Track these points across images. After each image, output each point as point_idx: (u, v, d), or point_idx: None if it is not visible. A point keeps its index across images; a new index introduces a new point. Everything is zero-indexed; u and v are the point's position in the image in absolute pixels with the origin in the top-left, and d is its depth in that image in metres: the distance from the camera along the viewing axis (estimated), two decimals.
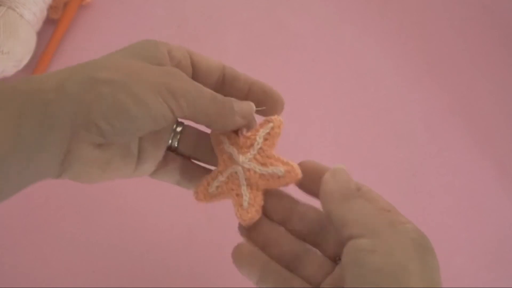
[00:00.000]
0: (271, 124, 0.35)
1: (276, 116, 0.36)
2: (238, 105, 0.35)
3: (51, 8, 0.58)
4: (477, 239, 0.52)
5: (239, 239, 0.40)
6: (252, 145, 0.35)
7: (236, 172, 0.35)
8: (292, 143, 0.54)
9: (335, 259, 0.34)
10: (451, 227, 0.52)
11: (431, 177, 0.54)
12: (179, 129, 0.38)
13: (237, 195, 0.35)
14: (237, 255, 0.34)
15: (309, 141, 0.55)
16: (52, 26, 0.59)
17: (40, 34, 0.57)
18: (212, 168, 0.38)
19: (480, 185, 0.54)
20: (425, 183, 0.54)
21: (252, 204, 0.35)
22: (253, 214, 0.34)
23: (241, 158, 0.35)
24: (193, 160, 0.39)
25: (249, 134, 0.36)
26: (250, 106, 0.36)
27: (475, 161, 0.55)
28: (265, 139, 0.35)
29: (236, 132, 0.36)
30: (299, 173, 0.34)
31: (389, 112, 0.57)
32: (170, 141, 0.38)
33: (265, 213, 0.36)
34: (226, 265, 0.48)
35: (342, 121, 0.57)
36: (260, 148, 0.35)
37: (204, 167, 0.39)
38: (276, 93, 0.37)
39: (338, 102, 0.58)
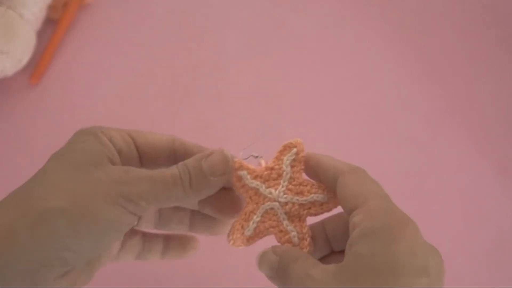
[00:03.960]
0: (294, 150, 0.33)
1: (296, 139, 0.34)
2: (209, 164, 0.32)
3: (51, 8, 0.58)
4: (477, 239, 0.52)
5: None
6: (280, 175, 0.33)
7: (271, 208, 0.33)
8: None
9: None
10: (451, 227, 0.52)
11: (431, 177, 0.54)
12: None
13: (281, 231, 0.33)
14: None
15: (308, 141, 0.55)
16: (52, 26, 0.59)
17: (40, 34, 0.57)
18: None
19: (480, 185, 0.54)
20: (425, 183, 0.54)
21: (302, 238, 0.33)
22: (308, 247, 0.32)
23: (274, 193, 0.33)
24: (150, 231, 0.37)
25: (271, 164, 0.34)
26: (222, 158, 0.32)
27: (475, 161, 0.55)
28: (292, 166, 0.33)
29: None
30: None
31: (389, 112, 0.57)
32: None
33: None
34: (226, 265, 0.48)
35: (342, 121, 0.57)
36: (290, 177, 0.33)
37: (163, 235, 0.37)
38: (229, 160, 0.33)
39: (338, 102, 0.58)
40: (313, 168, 0.33)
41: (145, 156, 0.34)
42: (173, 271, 0.48)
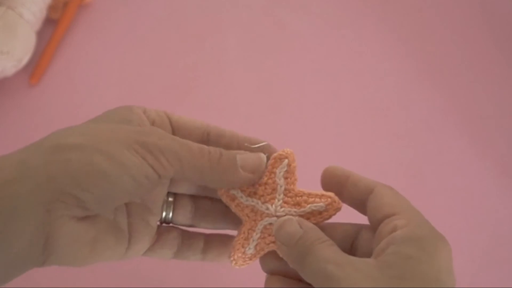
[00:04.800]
0: (286, 161, 0.33)
1: (287, 150, 0.33)
2: (243, 157, 0.31)
3: (51, 8, 0.58)
4: (477, 239, 0.52)
5: None
6: (274, 189, 0.33)
7: (270, 224, 0.32)
8: (292, 143, 0.53)
9: None
10: (451, 227, 0.52)
11: (431, 177, 0.54)
12: (171, 199, 0.35)
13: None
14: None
15: (309, 141, 0.55)
16: (52, 26, 0.59)
17: (39, 34, 0.57)
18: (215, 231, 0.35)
19: (480, 185, 0.54)
20: (425, 183, 0.54)
21: None
22: None
23: (271, 208, 0.32)
24: (190, 229, 0.36)
25: (264, 179, 0.33)
26: (260, 158, 0.32)
27: (475, 161, 0.55)
28: (286, 178, 0.33)
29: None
30: (340, 202, 0.32)
31: (389, 112, 0.57)
32: (164, 213, 0.35)
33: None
34: (226, 264, 0.48)
35: (342, 121, 0.57)
36: (285, 189, 0.33)
37: (204, 233, 0.36)
38: (266, 146, 0.34)
39: (338, 102, 0.58)
40: (340, 178, 0.32)
41: (177, 132, 0.33)
42: (173, 271, 0.48)
